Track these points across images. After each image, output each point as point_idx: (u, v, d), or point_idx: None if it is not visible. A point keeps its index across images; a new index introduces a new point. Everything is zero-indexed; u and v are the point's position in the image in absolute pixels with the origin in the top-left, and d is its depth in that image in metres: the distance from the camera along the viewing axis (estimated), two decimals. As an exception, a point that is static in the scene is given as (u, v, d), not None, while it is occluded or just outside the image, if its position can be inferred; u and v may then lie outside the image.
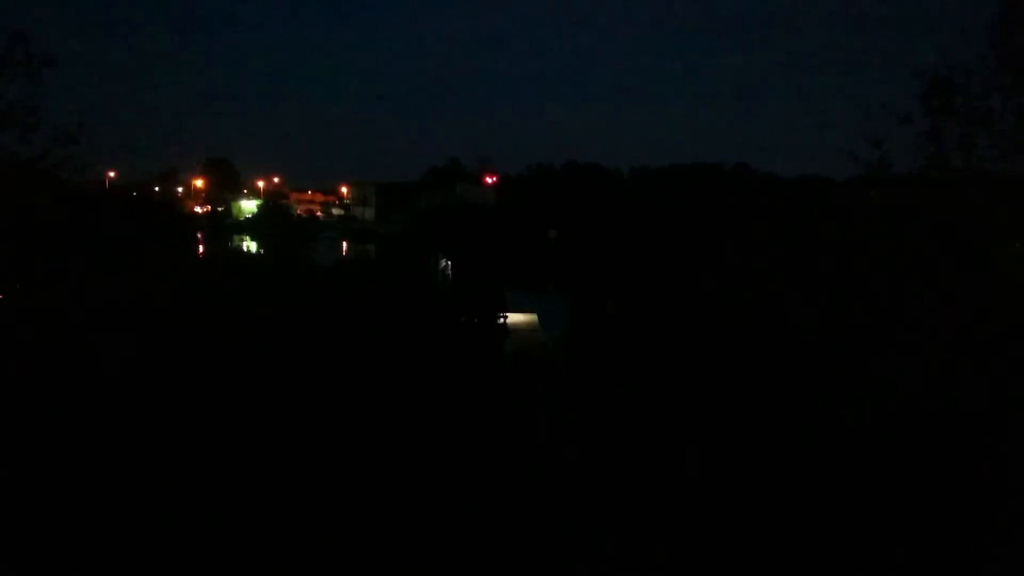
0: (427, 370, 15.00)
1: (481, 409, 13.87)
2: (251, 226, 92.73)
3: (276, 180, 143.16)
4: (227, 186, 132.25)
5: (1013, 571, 8.79)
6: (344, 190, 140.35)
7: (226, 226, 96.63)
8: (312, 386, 13.67)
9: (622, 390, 15.16)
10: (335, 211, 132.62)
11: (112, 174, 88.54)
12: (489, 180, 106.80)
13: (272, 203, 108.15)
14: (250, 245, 61.79)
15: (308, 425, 12.34)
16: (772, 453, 11.59)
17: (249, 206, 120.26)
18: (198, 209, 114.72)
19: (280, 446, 11.64)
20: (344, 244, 76.10)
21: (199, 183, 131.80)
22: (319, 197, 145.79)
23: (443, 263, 25.98)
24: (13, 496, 10.00)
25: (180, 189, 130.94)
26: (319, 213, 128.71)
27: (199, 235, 65.48)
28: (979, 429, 10.63)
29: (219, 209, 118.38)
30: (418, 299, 20.60)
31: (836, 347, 14.24)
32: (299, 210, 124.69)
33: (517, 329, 23.86)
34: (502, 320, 23.27)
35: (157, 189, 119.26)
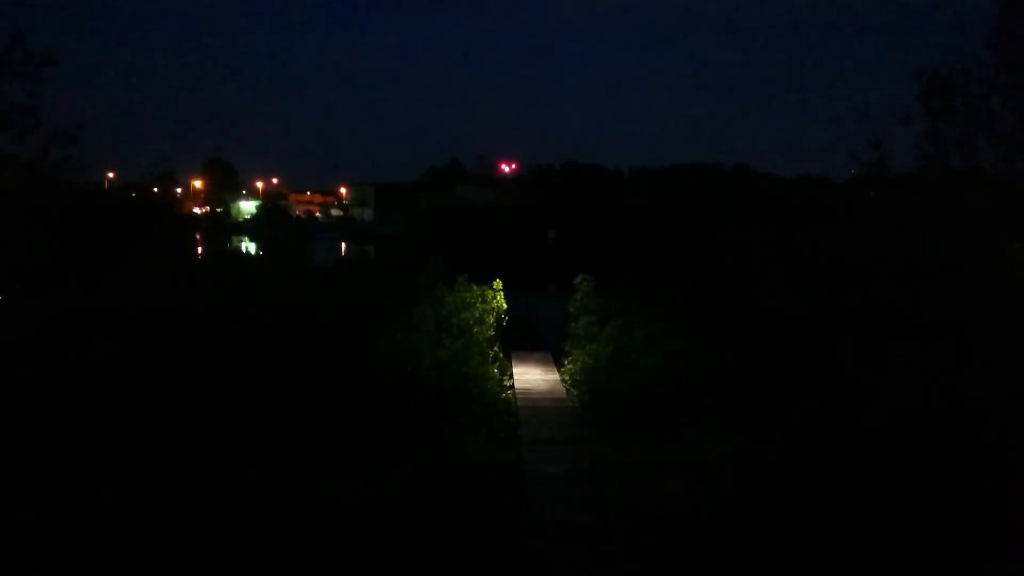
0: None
1: None
2: (250, 227, 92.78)
3: (275, 181, 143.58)
4: (226, 187, 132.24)
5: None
6: (343, 191, 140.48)
7: (225, 227, 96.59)
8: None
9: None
10: (334, 212, 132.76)
11: (111, 175, 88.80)
12: (506, 168, 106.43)
13: (271, 204, 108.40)
14: (249, 246, 61.74)
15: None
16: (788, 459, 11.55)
17: (248, 207, 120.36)
18: (197, 210, 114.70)
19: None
20: (343, 245, 76.00)
21: (198, 184, 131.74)
22: (318, 198, 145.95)
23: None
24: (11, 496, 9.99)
25: (179, 190, 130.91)
26: (318, 214, 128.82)
27: (198, 236, 65.41)
28: (982, 429, 10.64)
29: (218, 210, 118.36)
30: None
31: (839, 346, 14.24)
32: (298, 211, 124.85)
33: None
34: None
35: (156, 190, 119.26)
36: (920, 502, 9.74)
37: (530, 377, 18.59)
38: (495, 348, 18.14)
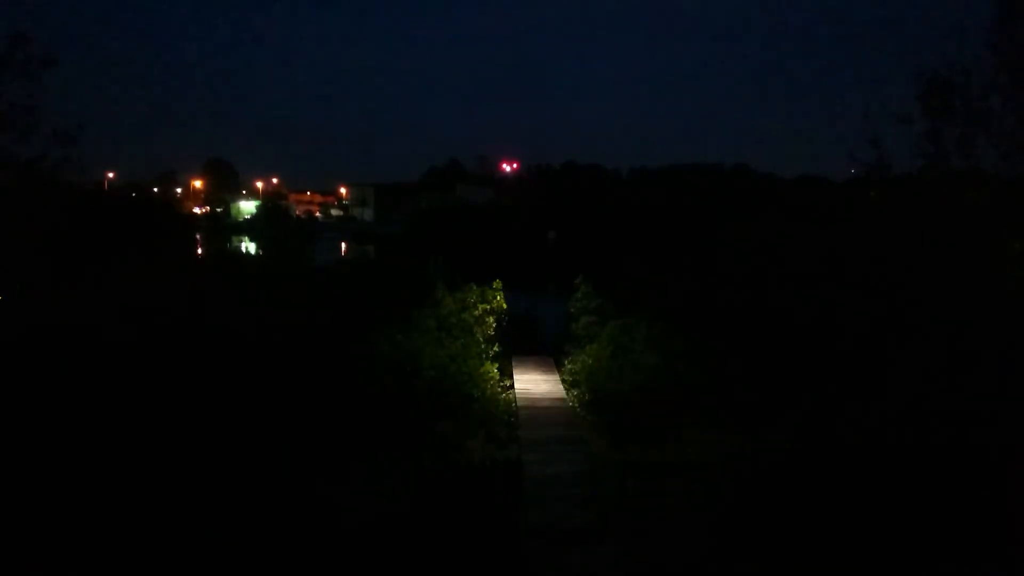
0: None
1: None
2: (250, 227, 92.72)
3: (275, 181, 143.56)
4: (226, 187, 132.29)
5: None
6: (343, 191, 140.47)
7: (225, 227, 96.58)
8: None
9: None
10: (334, 212, 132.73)
11: (111, 175, 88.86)
12: (507, 167, 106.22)
13: (271, 204, 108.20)
14: (249, 246, 61.77)
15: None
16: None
17: (248, 207, 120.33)
18: (197, 210, 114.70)
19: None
20: (343, 245, 76.05)
21: (198, 184, 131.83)
22: (318, 198, 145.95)
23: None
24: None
25: (179, 190, 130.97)
26: (318, 214, 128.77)
27: (198, 236, 65.39)
28: (982, 428, 10.63)
29: (218, 210, 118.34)
30: None
31: (839, 348, 14.23)
32: (298, 211, 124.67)
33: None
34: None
35: (156, 190, 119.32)
36: (917, 502, 9.73)
37: (530, 377, 18.60)
38: (495, 348, 18.14)
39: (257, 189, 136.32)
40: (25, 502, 9.95)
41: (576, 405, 16.16)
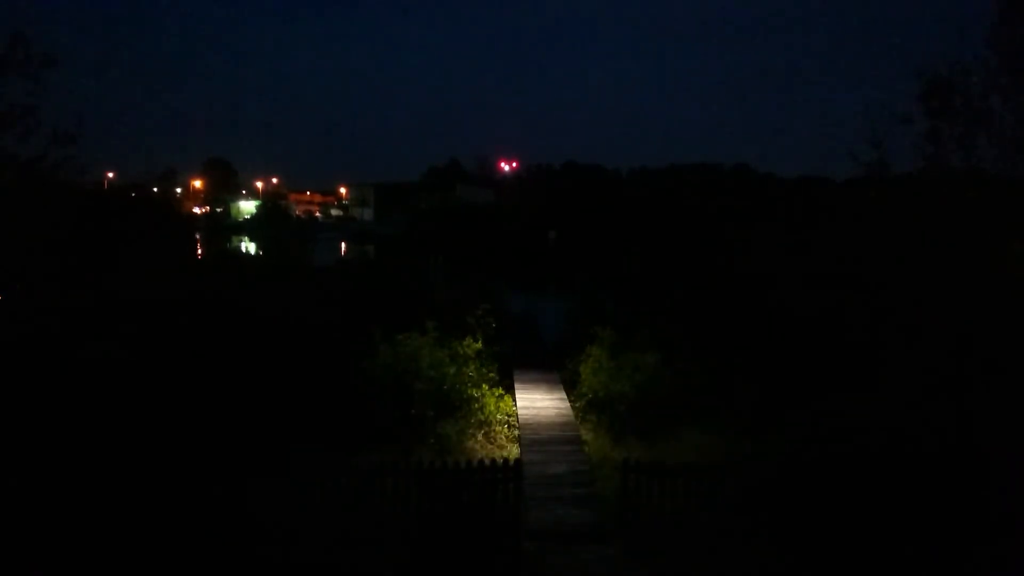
0: None
1: None
2: (250, 227, 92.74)
3: (275, 181, 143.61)
4: (226, 187, 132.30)
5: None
6: (343, 191, 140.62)
7: (225, 227, 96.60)
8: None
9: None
10: (334, 212, 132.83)
11: (111, 175, 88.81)
12: (506, 166, 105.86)
13: (271, 204, 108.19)
14: (249, 246, 61.77)
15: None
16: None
17: (248, 207, 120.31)
18: (197, 210, 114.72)
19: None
20: (343, 245, 76.02)
21: (198, 184, 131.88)
22: (318, 198, 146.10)
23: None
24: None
25: (179, 190, 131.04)
26: (318, 214, 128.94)
27: (197, 236, 65.36)
28: (982, 428, 10.64)
29: (218, 210, 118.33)
30: None
31: (839, 348, 14.24)
32: (298, 211, 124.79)
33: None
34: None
35: (156, 190, 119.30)
36: (918, 504, 9.73)
37: (530, 376, 18.59)
38: (495, 348, 18.14)
39: (257, 189, 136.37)
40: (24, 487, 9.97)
41: (576, 405, 16.17)
